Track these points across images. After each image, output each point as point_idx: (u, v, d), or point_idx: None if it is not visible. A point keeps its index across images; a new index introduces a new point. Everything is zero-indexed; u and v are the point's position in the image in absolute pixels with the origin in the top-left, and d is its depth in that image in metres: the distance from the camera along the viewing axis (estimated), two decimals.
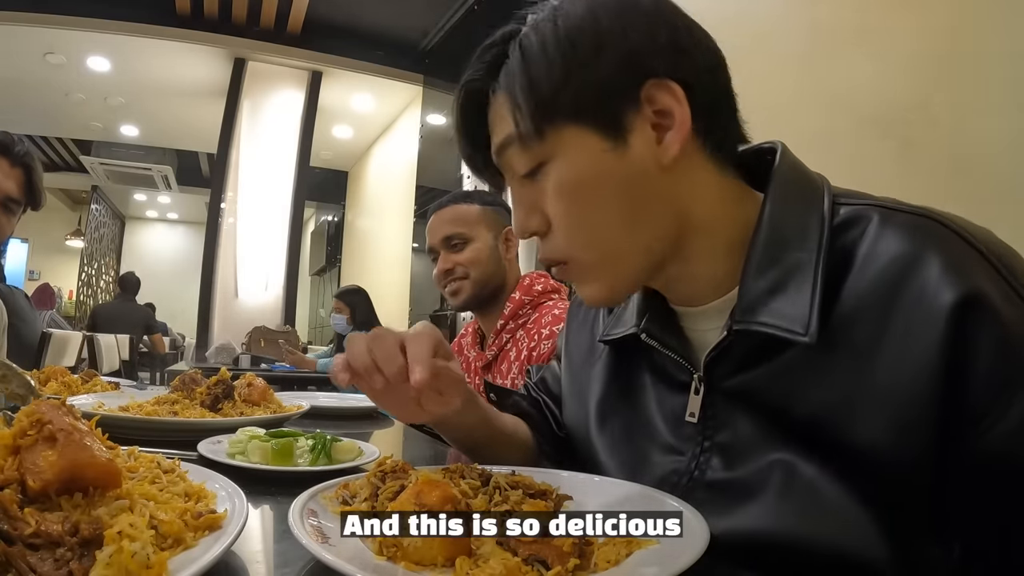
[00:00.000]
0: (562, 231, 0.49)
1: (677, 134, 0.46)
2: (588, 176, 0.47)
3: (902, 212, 0.44)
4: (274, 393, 1.04)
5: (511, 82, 0.48)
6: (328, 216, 7.59)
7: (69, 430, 0.37)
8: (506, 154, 0.51)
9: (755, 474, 0.46)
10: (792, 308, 0.44)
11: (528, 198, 0.51)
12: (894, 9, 1.34)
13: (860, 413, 0.41)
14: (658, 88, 0.46)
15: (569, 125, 0.47)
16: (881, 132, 1.31)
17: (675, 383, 0.54)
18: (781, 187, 0.48)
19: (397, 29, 4.34)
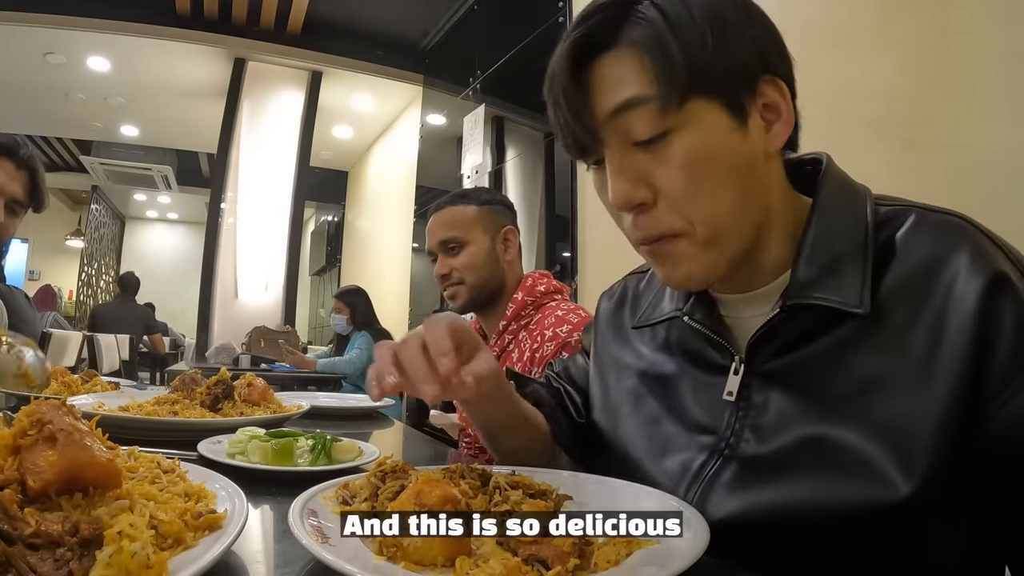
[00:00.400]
0: (681, 202, 0.49)
1: (784, 127, 0.51)
2: (716, 150, 0.48)
3: (935, 212, 0.50)
4: (274, 393, 1.04)
5: (657, 42, 0.47)
6: (328, 216, 7.58)
7: (69, 430, 0.37)
8: (625, 116, 0.48)
9: (788, 448, 0.49)
10: (846, 285, 0.48)
11: (635, 167, 0.49)
12: (894, 9, 1.34)
13: (896, 386, 0.45)
14: (770, 84, 0.50)
15: (706, 99, 0.47)
16: (881, 133, 1.31)
17: (713, 366, 0.57)
18: (831, 189, 0.53)
19: (397, 29, 4.33)
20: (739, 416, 0.53)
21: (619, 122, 0.49)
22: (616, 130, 0.49)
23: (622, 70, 0.48)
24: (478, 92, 3.44)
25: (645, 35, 0.47)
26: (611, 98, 0.49)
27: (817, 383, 0.49)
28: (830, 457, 0.46)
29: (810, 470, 0.47)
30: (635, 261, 0.77)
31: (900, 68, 1.30)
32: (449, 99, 3.96)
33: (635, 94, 0.48)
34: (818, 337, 0.49)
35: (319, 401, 1.29)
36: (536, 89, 0.56)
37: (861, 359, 0.47)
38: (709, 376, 0.57)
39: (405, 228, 4.57)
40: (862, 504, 0.44)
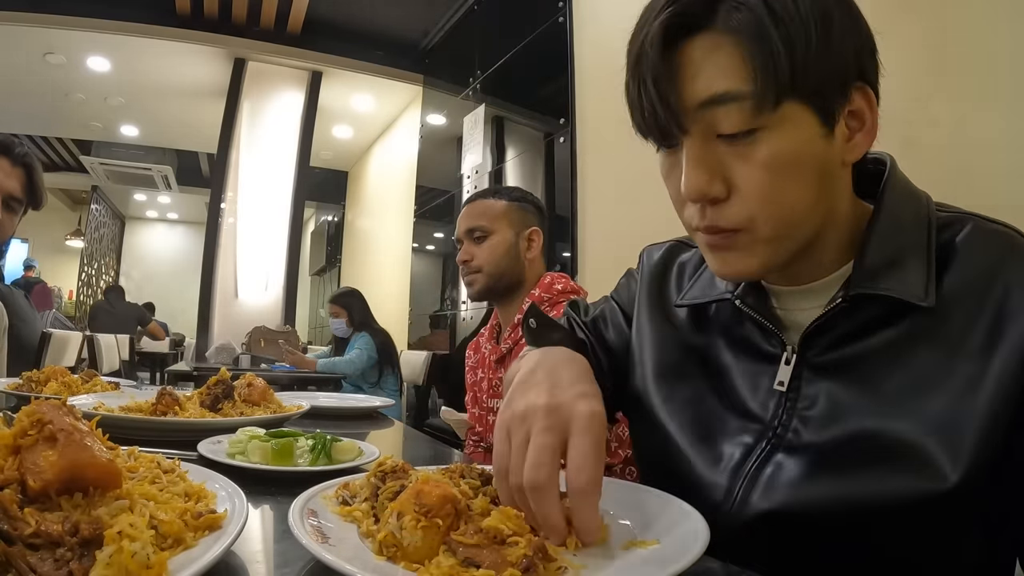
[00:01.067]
0: (755, 201, 0.47)
1: (866, 137, 0.50)
2: (801, 155, 0.47)
3: (994, 223, 0.51)
4: (274, 393, 1.04)
5: (759, 35, 0.44)
6: (328, 216, 7.59)
7: (70, 430, 0.37)
8: (715, 109, 0.46)
9: (838, 441, 0.49)
10: (910, 277, 0.48)
11: (713, 160, 0.48)
12: (894, 9, 1.34)
13: (951, 383, 0.46)
14: (859, 91, 0.49)
15: (800, 102, 0.45)
16: (881, 132, 1.31)
17: (762, 354, 0.56)
18: (893, 190, 0.53)
19: (397, 29, 4.33)
20: (787, 406, 0.53)
21: (708, 113, 0.47)
22: (703, 120, 0.47)
23: (718, 58, 0.45)
24: (478, 92, 3.44)
25: (746, 23, 0.44)
26: (703, 88, 0.46)
27: (873, 377, 0.49)
28: (881, 451, 0.47)
29: (860, 464, 0.47)
30: (634, 262, 0.77)
31: (900, 68, 1.30)
32: (449, 99, 3.96)
33: (730, 88, 0.45)
34: (877, 331, 0.50)
35: (319, 401, 1.29)
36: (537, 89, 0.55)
37: (918, 355, 0.48)
38: (757, 363, 0.56)
39: (405, 228, 4.57)
40: (910, 495, 0.45)
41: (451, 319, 3.68)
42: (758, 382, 0.55)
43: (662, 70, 0.47)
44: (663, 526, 0.43)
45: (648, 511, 0.47)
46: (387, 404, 1.35)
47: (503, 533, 0.38)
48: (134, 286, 8.39)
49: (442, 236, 4.22)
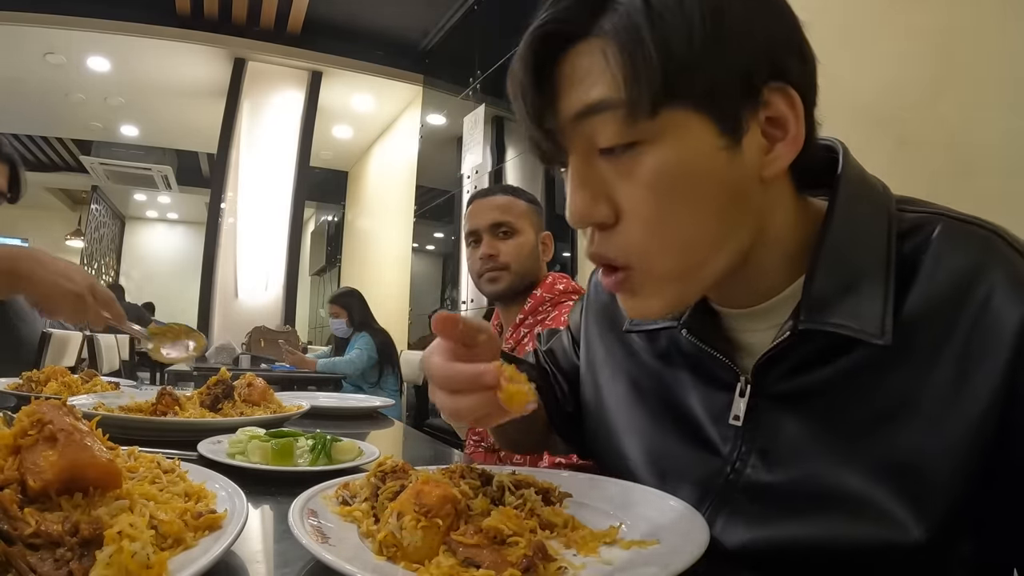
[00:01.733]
0: (641, 227, 0.42)
1: (788, 148, 0.43)
2: (695, 171, 0.41)
3: (965, 223, 0.44)
4: (274, 393, 1.04)
5: (631, 37, 0.39)
6: (328, 216, 7.59)
7: (70, 430, 0.37)
8: (590, 121, 0.42)
9: (797, 481, 0.45)
10: (865, 308, 0.42)
11: (597, 179, 0.43)
12: (894, 9, 1.34)
13: (917, 419, 0.41)
14: (779, 93, 0.42)
15: (688, 109, 0.40)
16: (880, 131, 1.31)
17: (718, 382, 0.51)
18: (847, 194, 0.46)
19: (397, 29, 4.34)
20: (746, 439, 0.48)
21: (583, 127, 0.42)
22: (580, 135, 0.43)
23: (592, 67, 0.41)
24: (478, 92, 3.44)
25: (620, 26, 0.40)
26: (576, 99, 0.42)
27: (830, 410, 0.44)
28: (841, 496, 0.43)
29: (819, 508, 0.43)
30: None
31: (900, 67, 1.30)
32: (449, 99, 3.96)
33: (601, 97, 0.41)
34: (832, 360, 0.44)
35: (319, 401, 1.29)
36: None
37: (880, 387, 0.43)
38: (713, 390, 0.52)
39: (405, 228, 4.57)
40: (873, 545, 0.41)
41: None
42: (716, 412, 0.51)
43: (531, 87, 0.44)
44: (663, 526, 0.43)
45: (648, 511, 0.47)
46: (387, 404, 1.35)
47: (503, 533, 0.38)
48: (134, 286, 8.39)
49: (442, 236, 4.22)
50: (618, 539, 0.42)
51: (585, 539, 0.42)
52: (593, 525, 0.45)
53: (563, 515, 0.45)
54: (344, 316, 3.34)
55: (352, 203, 6.77)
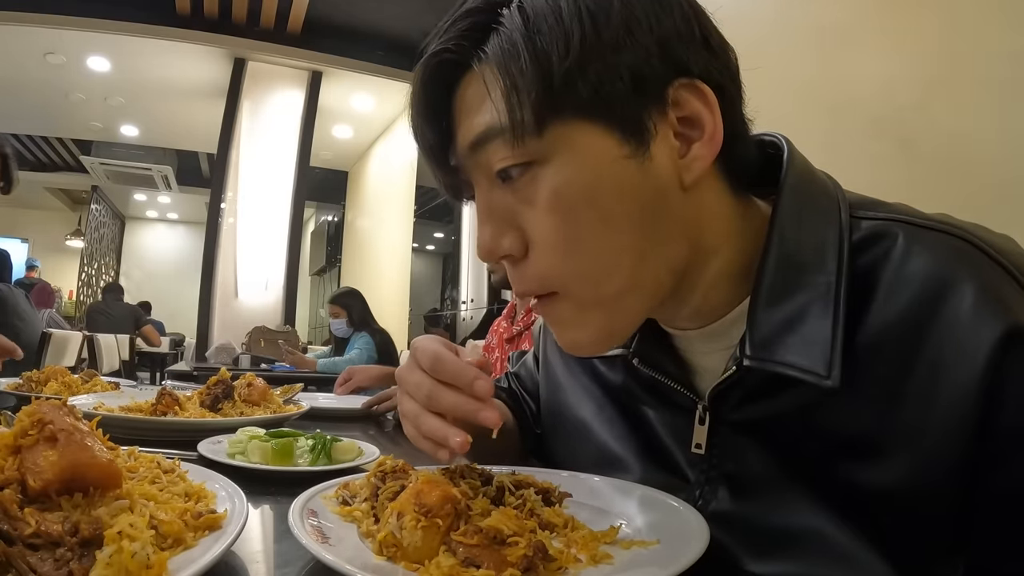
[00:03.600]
0: (550, 254, 0.39)
1: (706, 148, 0.39)
2: (597, 186, 0.38)
3: (930, 230, 0.39)
4: (274, 393, 1.04)
5: (509, 55, 0.37)
6: (328, 216, 7.59)
7: (70, 430, 0.37)
8: (484, 149, 0.40)
9: (764, 513, 0.43)
10: (812, 345, 0.38)
11: (500, 211, 0.41)
12: (894, 9, 1.34)
13: (882, 453, 0.38)
14: (688, 90, 0.39)
15: (580, 120, 0.38)
16: (881, 132, 1.31)
17: (677, 407, 0.49)
18: (792, 200, 0.42)
19: (397, 29, 4.34)
20: (712, 466, 0.46)
21: (479, 157, 0.40)
22: (478, 167, 0.41)
23: (481, 94, 0.39)
24: None
25: (498, 48, 0.38)
26: (470, 130, 0.40)
27: (787, 442, 0.42)
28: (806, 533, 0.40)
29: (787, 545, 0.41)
30: None
31: (900, 68, 1.30)
32: None
33: (488, 124, 0.39)
34: (785, 390, 0.41)
35: (319, 402, 1.29)
36: None
37: (836, 421, 0.39)
38: (675, 415, 0.49)
39: (405, 228, 4.57)
40: None
41: (449, 319, 3.68)
42: (680, 437, 0.48)
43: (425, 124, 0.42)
44: (663, 526, 0.43)
45: (648, 511, 0.47)
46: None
47: (503, 533, 0.38)
48: (134, 286, 8.39)
49: (442, 236, 4.23)
50: (618, 539, 0.42)
51: (585, 539, 0.42)
52: (593, 525, 0.45)
53: (563, 515, 0.45)
54: (344, 316, 3.34)
55: (352, 203, 6.78)
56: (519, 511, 0.43)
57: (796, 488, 0.41)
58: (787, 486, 0.42)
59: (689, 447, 0.48)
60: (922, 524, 0.37)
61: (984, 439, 0.35)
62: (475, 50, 0.39)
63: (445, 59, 0.41)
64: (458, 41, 0.40)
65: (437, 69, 0.41)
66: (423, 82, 0.42)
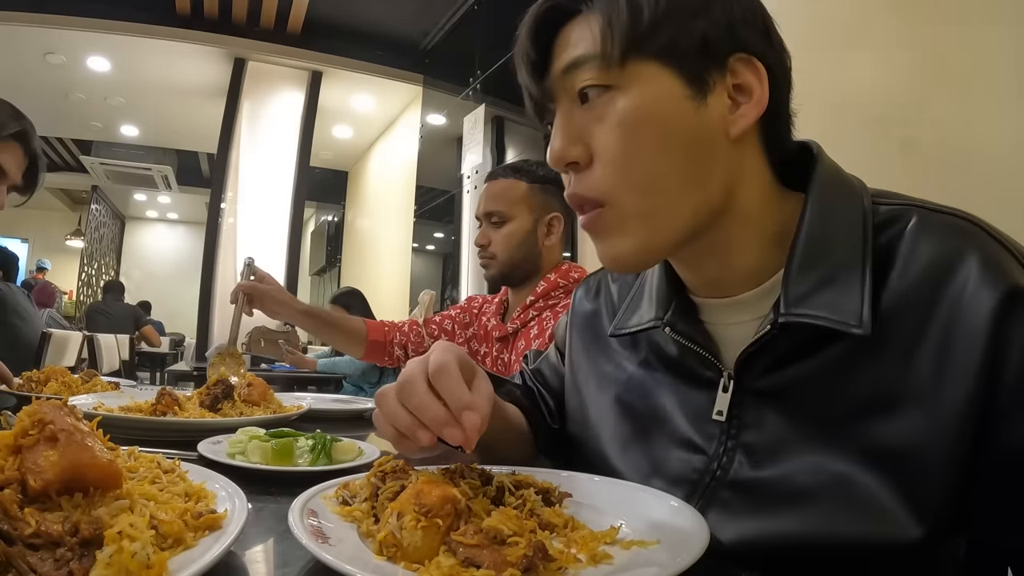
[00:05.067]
0: (610, 165, 0.46)
1: (753, 109, 0.47)
2: (659, 115, 0.46)
3: (939, 212, 0.46)
4: (274, 393, 1.04)
5: (609, 4, 0.46)
6: (328, 216, 7.59)
7: (71, 430, 0.37)
8: (573, 74, 0.48)
9: (785, 475, 0.45)
10: (843, 301, 0.44)
11: (575, 125, 0.48)
12: (894, 9, 1.34)
13: (901, 408, 0.42)
14: (745, 64, 0.47)
15: (655, 61, 0.46)
16: (881, 132, 1.31)
17: (700, 380, 0.52)
18: (823, 187, 0.49)
19: (397, 29, 4.33)
20: (731, 436, 0.49)
21: (568, 80, 0.48)
22: (565, 88, 0.49)
23: (583, 31, 0.48)
24: (478, 92, 3.44)
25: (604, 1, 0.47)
26: (565, 57, 0.49)
27: (813, 404, 0.45)
28: (831, 488, 0.43)
29: (811, 500, 0.44)
30: None
31: (900, 68, 1.30)
32: (449, 99, 3.96)
33: (583, 52, 0.47)
34: (813, 353, 0.45)
35: (320, 402, 1.29)
36: None
37: (861, 379, 0.44)
38: (696, 390, 0.53)
39: (405, 228, 4.57)
40: (866, 539, 0.42)
41: None
42: (699, 412, 0.52)
43: (532, 51, 0.50)
44: (663, 526, 0.43)
45: (648, 511, 0.47)
46: None
47: (503, 533, 0.38)
48: (134, 286, 8.38)
49: (442, 236, 4.23)
50: (618, 539, 0.42)
51: (585, 539, 0.42)
52: (593, 525, 0.45)
53: (563, 515, 0.45)
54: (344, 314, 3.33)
55: (352, 203, 6.77)
56: (519, 511, 0.43)
57: (816, 449, 0.44)
58: (807, 447, 0.45)
59: (706, 419, 0.51)
60: (941, 480, 0.40)
61: (991, 395, 0.39)
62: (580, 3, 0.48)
63: (555, 4, 0.50)
64: None
65: (549, 11, 0.50)
66: (535, 26, 0.50)
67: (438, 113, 4.19)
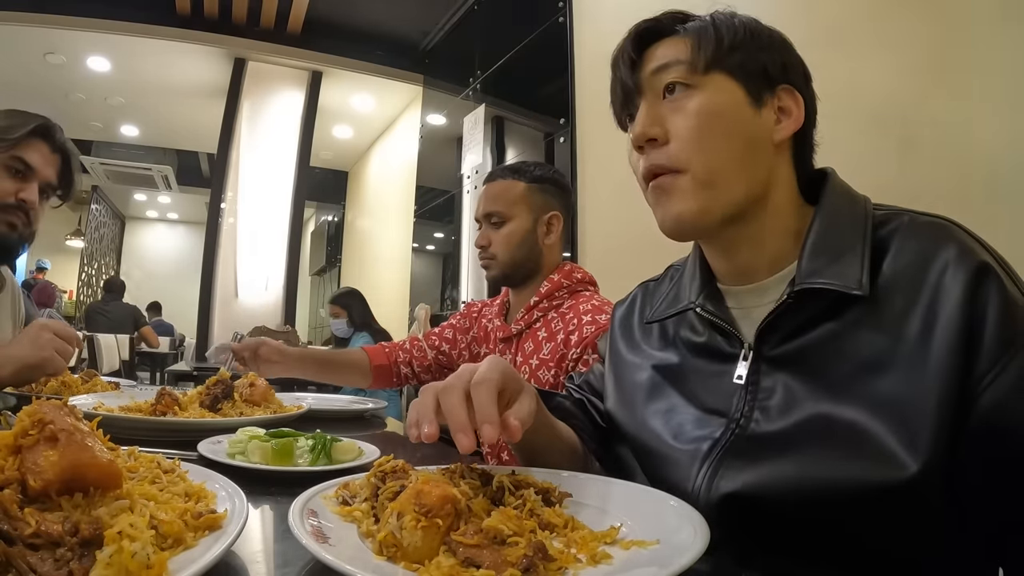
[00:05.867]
0: (684, 143, 0.58)
1: (792, 124, 0.60)
2: (726, 112, 0.59)
3: (925, 215, 0.56)
4: (274, 393, 1.04)
5: (701, 28, 0.61)
6: (328, 216, 7.58)
7: (71, 430, 0.37)
8: (662, 72, 0.61)
9: (797, 426, 0.53)
10: (847, 271, 0.54)
11: (657, 112, 0.61)
12: (894, 9, 1.34)
13: (896, 365, 0.50)
14: (788, 93, 0.61)
15: (728, 74, 0.59)
16: (881, 131, 1.31)
17: (723, 355, 0.62)
18: (834, 195, 0.60)
19: (397, 29, 4.33)
20: (748, 398, 0.58)
21: (656, 77, 0.61)
22: (652, 83, 0.62)
23: (676, 44, 0.61)
24: (478, 92, 3.44)
25: (695, 26, 0.61)
26: (659, 59, 0.62)
27: (822, 365, 0.54)
28: (838, 435, 0.50)
29: (818, 447, 0.51)
30: (633, 262, 0.77)
31: (900, 67, 1.30)
32: (449, 99, 3.96)
33: (675, 57, 0.60)
34: (822, 323, 0.55)
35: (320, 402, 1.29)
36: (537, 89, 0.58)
37: (862, 341, 0.52)
38: (719, 364, 0.62)
39: (405, 228, 4.57)
40: (871, 481, 0.47)
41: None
42: (722, 381, 0.61)
43: (631, 53, 0.63)
44: (663, 526, 0.43)
45: (648, 511, 0.47)
46: (380, 406, 1.35)
47: (503, 533, 0.38)
48: (134, 286, 8.36)
49: (442, 236, 4.22)
50: (618, 539, 0.42)
51: (585, 539, 0.42)
52: (593, 525, 0.45)
53: (563, 515, 0.45)
54: (344, 316, 3.34)
55: (352, 203, 6.77)
56: (519, 511, 0.43)
57: (825, 403, 0.52)
58: (819, 399, 0.53)
59: (727, 384, 0.60)
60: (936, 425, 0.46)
61: (973, 351, 0.47)
62: (675, 26, 0.63)
63: (654, 26, 0.63)
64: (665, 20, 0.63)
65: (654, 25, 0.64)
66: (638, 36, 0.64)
67: (438, 113, 4.19)
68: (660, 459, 0.64)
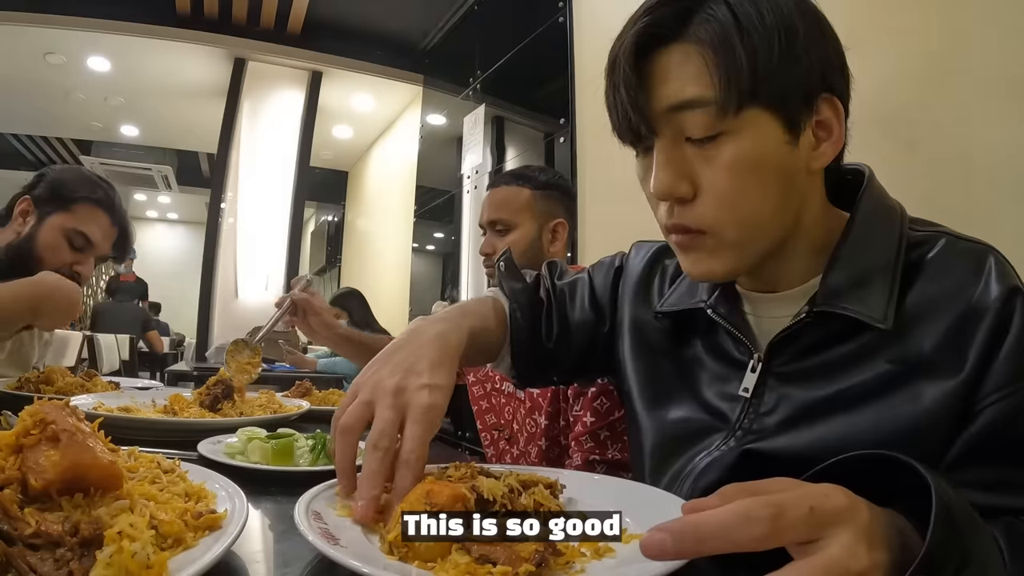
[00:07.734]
0: (718, 202, 0.50)
1: (832, 147, 0.52)
2: (763, 160, 0.49)
3: (963, 240, 0.53)
4: (274, 393, 1.04)
5: (724, 45, 0.47)
6: (328, 216, 7.58)
7: (72, 431, 0.37)
8: (682, 114, 0.49)
9: (796, 449, 0.51)
10: (872, 299, 0.50)
11: (681, 161, 0.51)
12: (895, 9, 1.34)
13: (907, 396, 0.48)
14: (827, 102, 0.51)
15: (764, 108, 0.48)
16: (883, 132, 1.31)
17: (732, 359, 0.59)
18: (868, 206, 0.55)
19: (397, 29, 4.33)
20: (750, 411, 0.55)
21: (675, 117, 0.50)
22: (671, 124, 0.51)
23: (687, 67, 0.49)
24: (478, 92, 3.44)
25: (713, 35, 0.48)
26: (671, 93, 0.49)
27: (829, 388, 0.51)
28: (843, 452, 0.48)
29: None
30: None
31: (902, 68, 1.30)
32: (449, 99, 3.96)
33: (696, 96, 0.48)
34: (838, 344, 0.52)
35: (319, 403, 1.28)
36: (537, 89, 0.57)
37: (876, 370, 0.50)
38: (726, 368, 0.59)
39: (405, 228, 4.57)
40: None
41: None
42: (727, 386, 0.58)
43: (633, 77, 0.50)
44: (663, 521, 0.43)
45: (648, 510, 0.46)
46: None
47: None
48: None
49: (442, 236, 4.22)
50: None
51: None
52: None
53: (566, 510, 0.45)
54: (345, 317, 3.33)
55: (352, 203, 6.77)
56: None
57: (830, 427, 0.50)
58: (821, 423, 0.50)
59: (732, 393, 0.57)
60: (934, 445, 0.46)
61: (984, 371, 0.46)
62: (678, 29, 0.49)
63: (654, 31, 0.50)
64: (668, 19, 0.50)
65: (647, 39, 0.50)
66: (636, 48, 0.51)
67: (438, 113, 4.19)
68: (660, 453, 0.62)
